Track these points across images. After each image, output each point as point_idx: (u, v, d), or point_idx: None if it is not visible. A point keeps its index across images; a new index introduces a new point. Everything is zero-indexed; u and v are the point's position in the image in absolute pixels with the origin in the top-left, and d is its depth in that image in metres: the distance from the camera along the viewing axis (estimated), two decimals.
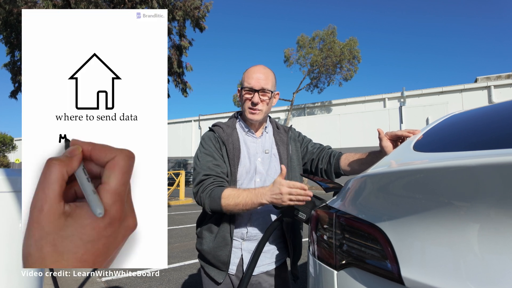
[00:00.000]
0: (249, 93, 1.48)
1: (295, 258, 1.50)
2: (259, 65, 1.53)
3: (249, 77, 1.49)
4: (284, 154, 1.55)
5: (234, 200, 1.30)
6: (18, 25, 11.11)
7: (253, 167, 1.49)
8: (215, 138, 1.51)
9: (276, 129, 1.64)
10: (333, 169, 1.55)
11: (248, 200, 1.29)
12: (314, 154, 1.61)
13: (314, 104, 24.83)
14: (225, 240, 1.41)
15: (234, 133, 1.53)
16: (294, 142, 1.62)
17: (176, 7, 11.67)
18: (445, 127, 1.15)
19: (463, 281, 0.56)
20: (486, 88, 19.16)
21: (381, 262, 0.71)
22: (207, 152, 1.47)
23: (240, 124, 1.59)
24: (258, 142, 1.55)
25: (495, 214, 0.55)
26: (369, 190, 0.85)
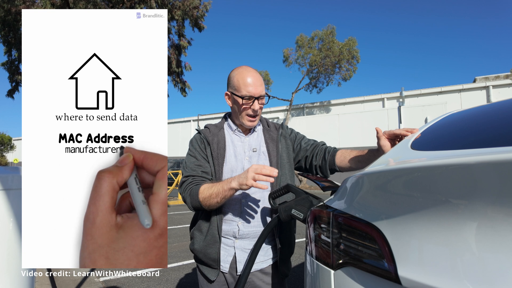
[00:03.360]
0: (248, 100, 1.46)
1: (283, 256, 1.48)
2: (248, 68, 1.50)
3: (246, 84, 1.45)
4: (273, 151, 1.54)
5: (208, 191, 1.33)
6: (15, 24, 11.08)
7: (240, 166, 1.49)
8: (200, 139, 1.54)
9: (267, 127, 1.63)
10: (328, 165, 1.54)
11: (220, 187, 1.31)
12: (308, 151, 1.60)
13: (313, 104, 24.83)
14: (213, 238, 1.42)
15: (220, 133, 1.54)
16: (285, 140, 1.61)
17: (175, 7, 11.66)
18: (443, 125, 1.16)
19: (460, 280, 0.56)
20: (484, 88, 19.19)
21: (378, 262, 0.71)
22: (191, 153, 1.52)
23: (227, 124, 1.60)
24: (245, 141, 1.55)
25: (492, 213, 0.55)
26: (366, 188, 0.85)
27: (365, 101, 23.09)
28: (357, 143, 19.33)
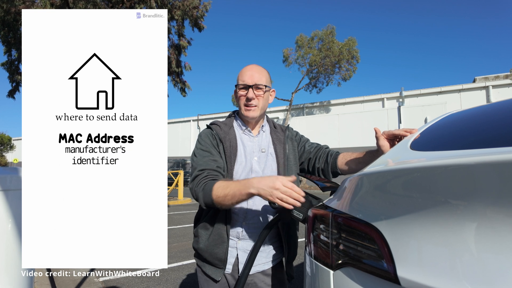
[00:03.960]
0: (243, 90, 1.48)
1: (289, 258, 1.50)
2: (252, 64, 1.55)
3: (242, 75, 1.49)
4: (280, 153, 1.54)
5: (223, 191, 1.28)
6: (15, 24, 11.07)
7: (249, 165, 1.48)
8: (212, 135, 1.51)
9: (273, 128, 1.64)
10: (330, 168, 1.55)
11: (236, 190, 1.25)
12: (311, 154, 1.61)
13: (313, 104, 24.83)
14: (221, 238, 1.41)
15: (231, 131, 1.53)
16: (291, 141, 1.62)
17: (175, 7, 11.66)
18: (442, 126, 1.15)
19: (459, 281, 0.56)
20: (484, 88, 19.21)
21: (377, 262, 0.71)
22: (203, 148, 1.47)
23: (237, 123, 1.59)
24: (255, 140, 1.55)
25: (492, 213, 0.55)
26: (365, 189, 0.85)
27: (365, 101, 23.10)
28: (357, 143, 19.33)
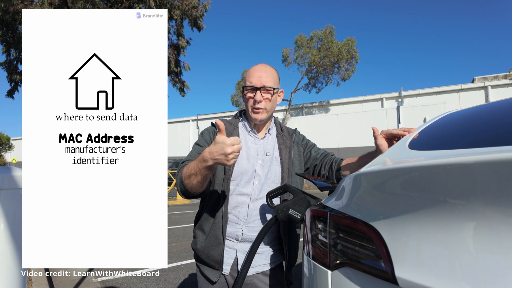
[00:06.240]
0: (251, 91, 1.46)
1: (290, 263, 1.48)
2: (260, 64, 1.51)
3: (250, 76, 1.46)
4: (285, 157, 1.52)
5: (187, 172, 1.24)
6: (14, 24, 11.04)
7: (252, 169, 1.46)
8: (214, 132, 1.49)
9: (280, 131, 1.61)
10: (335, 175, 1.53)
11: (196, 167, 1.20)
12: (318, 160, 1.59)
13: (312, 104, 24.84)
14: (217, 239, 1.40)
15: (235, 132, 1.50)
16: (297, 146, 1.60)
17: (174, 6, 11.64)
18: (441, 125, 1.15)
19: (458, 281, 0.56)
20: (483, 88, 19.23)
21: (375, 262, 0.70)
22: (199, 143, 1.46)
23: (243, 124, 1.57)
24: (260, 143, 1.53)
25: (491, 213, 0.54)
26: (363, 188, 0.85)
27: (364, 101, 23.10)
28: (356, 143, 19.35)
